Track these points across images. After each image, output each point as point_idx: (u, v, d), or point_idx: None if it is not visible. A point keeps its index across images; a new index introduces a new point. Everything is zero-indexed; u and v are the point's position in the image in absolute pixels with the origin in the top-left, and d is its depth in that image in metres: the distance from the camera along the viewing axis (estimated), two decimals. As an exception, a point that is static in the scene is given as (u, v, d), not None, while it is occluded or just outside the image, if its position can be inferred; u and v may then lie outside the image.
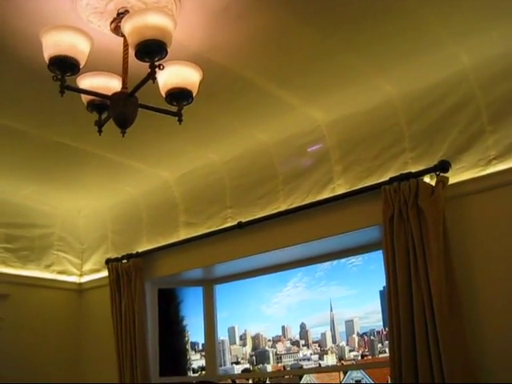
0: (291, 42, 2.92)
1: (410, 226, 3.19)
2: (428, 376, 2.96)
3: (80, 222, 5.26)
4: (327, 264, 4.17)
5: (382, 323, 3.84)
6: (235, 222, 4.11)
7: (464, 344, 2.94)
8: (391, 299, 3.20)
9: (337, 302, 4.17)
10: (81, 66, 2.36)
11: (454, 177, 3.23)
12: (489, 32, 2.91)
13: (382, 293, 3.82)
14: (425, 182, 3.23)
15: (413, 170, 3.30)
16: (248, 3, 2.60)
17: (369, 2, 2.62)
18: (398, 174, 3.32)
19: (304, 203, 3.79)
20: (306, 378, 4.37)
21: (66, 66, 2.32)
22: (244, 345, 4.73)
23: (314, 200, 3.75)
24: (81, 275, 5.26)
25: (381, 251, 3.51)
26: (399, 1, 2.62)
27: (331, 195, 3.67)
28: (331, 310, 4.21)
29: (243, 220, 4.07)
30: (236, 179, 4.22)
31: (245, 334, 4.73)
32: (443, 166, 3.22)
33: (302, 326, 4.44)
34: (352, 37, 2.90)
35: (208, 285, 4.73)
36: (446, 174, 3.22)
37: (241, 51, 2.95)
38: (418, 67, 3.19)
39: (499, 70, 3.11)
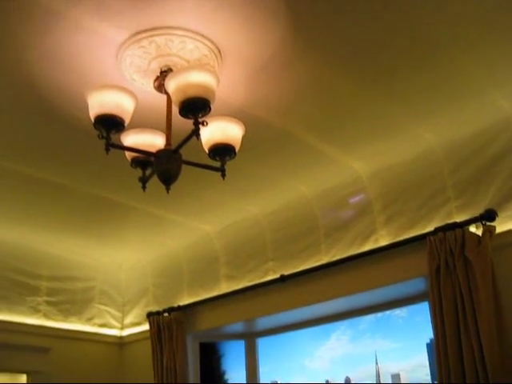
0: (331, 95, 2.94)
1: (457, 276, 3.11)
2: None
3: (121, 275, 5.28)
4: (371, 316, 4.09)
5: (429, 377, 3.71)
6: (277, 275, 4.08)
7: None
8: (440, 352, 3.10)
9: (382, 355, 4.06)
10: (125, 124, 2.40)
11: (501, 225, 3.16)
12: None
13: (429, 345, 3.71)
14: (471, 232, 3.16)
15: (458, 220, 3.24)
16: (287, 58, 2.63)
17: (409, 51, 2.63)
18: (442, 223, 3.27)
19: (346, 255, 3.75)
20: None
21: (111, 124, 2.35)
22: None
23: (356, 252, 3.70)
24: (122, 328, 5.25)
25: (427, 302, 3.44)
26: (440, 50, 2.62)
27: (374, 247, 3.63)
28: (376, 364, 4.10)
29: (285, 273, 4.03)
30: (277, 232, 4.21)
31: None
32: (489, 215, 3.15)
33: (347, 380, 4.33)
34: (392, 87, 2.90)
35: (250, 338, 4.67)
36: (493, 223, 3.15)
37: (281, 105, 2.98)
38: (459, 115, 3.17)
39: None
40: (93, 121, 2.37)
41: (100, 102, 2.35)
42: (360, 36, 2.52)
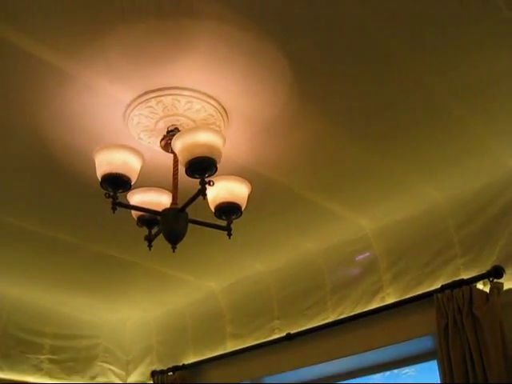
0: (336, 154, 2.97)
1: (465, 335, 3.07)
2: None
3: (126, 332, 5.22)
4: (379, 375, 4.01)
5: None
6: (283, 333, 4.03)
7: None
8: (449, 412, 3.04)
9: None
10: (132, 183, 2.42)
11: (509, 282, 3.13)
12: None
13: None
14: (478, 289, 3.14)
15: (465, 277, 3.22)
16: (292, 119, 2.67)
17: (413, 110, 2.67)
18: (449, 281, 3.24)
19: (353, 313, 3.71)
20: None
21: (118, 183, 2.37)
22: None
23: (363, 310, 3.67)
24: (126, 387, 5.17)
25: (435, 361, 3.38)
26: (443, 108, 2.66)
27: (381, 305, 3.59)
28: (386, 424, 4.01)
29: (291, 331, 3.98)
30: (283, 289, 4.18)
31: None
32: (497, 272, 3.13)
33: None
34: (397, 146, 2.93)
35: (256, 398, 4.59)
36: (501, 280, 3.12)
37: (287, 164, 3.01)
38: (464, 172, 3.18)
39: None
40: (100, 180, 2.39)
41: (107, 161, 2.38)
42: (365, 97, 2.56)
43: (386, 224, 3.66)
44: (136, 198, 2.63)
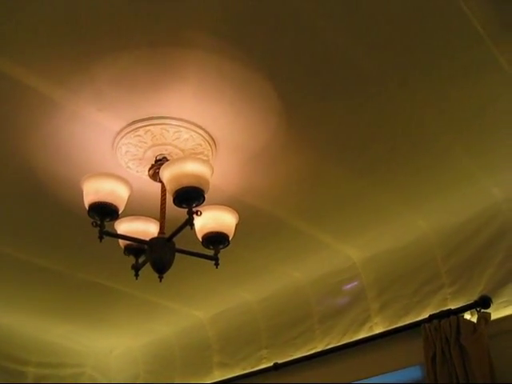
0: (324, 183, 2.99)
1: (453, 365, 3.06)
2: None
3: (111, 361, 5.16)
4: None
5: None
6: (270, 363, 4.00)
7: None
8: None
9: None
10: (120, 212, 2.41)
11: (496, 312, 3.14)
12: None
13: None
14: (466, 319, 3.13)
15: (452, 307, 3.22)
16: (280, 148, 2.69)
17: (401, 141, 2.70)
18: (437, 311, 3.25)
19: (341, 343, 3.69)
20: None
21: (105, 212, 2.36)
22: None
23: (351, 340, 3.66)
24: (111, 417, 5.10)
25: (424, 391, 3.37)
26: (431, 139, 2.69)
27: (369, 334, 3.58)
28: None
29: (279, 361, 3.96)
30: (271, 319, 4.15)
31: None
32: (484, 302, 3.14)
33: None
34: (384, 175, 2.95)
35: (244, 428, 4.53)
36: (488, 310, 3.13)
37: (274, 192, 3.02)
38: (450, 202, 3.20)
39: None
40: (87, 208, 2.38)
41: (95, 190, 2.38)
42: (353, 127, 2.59)
43: (373, 253, 3.66)
44: (123, 226, 2.62)
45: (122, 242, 2.65)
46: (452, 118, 2.58)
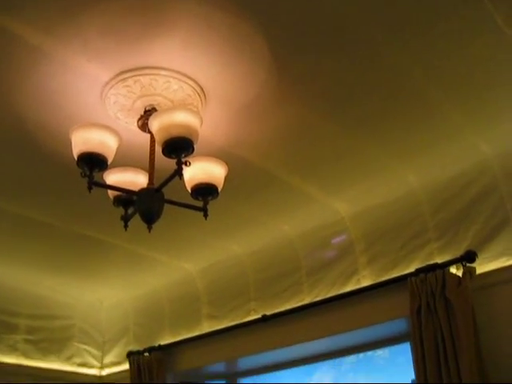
0: (314, 136, 2.98)
1: (438, 317, 3.11)
2: None
3: (102, 313, 5.22)
4: (353, 357, 4.06)
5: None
6: (259, 315, 4.05)
7: None
8: (421, 393, 3.09)
9: (363, 396, 4.03)
10: (109, 163, 2.40)
11: (481, 266, 3.18)
12: (508, 122, 2.94)
13: (411, 385, 3.70)
14: (451, 273, 3.18)
15: (439, 261, 3.26)
16: (270, 100, 2.67)
17: (391, 96, 2.69)
18: (423, 264, 3.28)
19: (329, 296, 3.74)
20: None
21: (94, 162, 2.36)
22: None
23: (338, 292, 3.70)
24: (101, 368, 5.16)
25: (408, 343, 3.43)
26: (422, 97, 2.69)
27: (356, 287, 3.63)
28: (358, 405, 4.06)
29: (267, 313, 4.01)
30: (260, 272, 4.20)
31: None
32: (469, 257, 3.18)
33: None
34: (376, 131, 2.95)
35: (231, 379, 4.61)
36: (473, 265, 3.17)
37: (264, 145, 3.02)
38: (440, 158, 3.22)
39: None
40: (76, 159, 2.37)
41: (83, 140, 2.37)
42: (343, 81, 2.57)
43: (362, 208, 3.68)
44: (112, 177, 2.62)
45: (111, 193, 2.65)
46: (444, 75, 2.57)
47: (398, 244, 3.54)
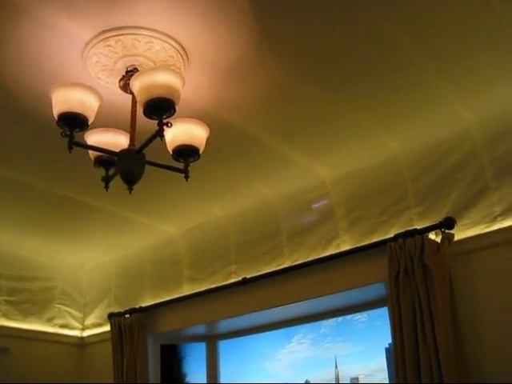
0: (296, 100, 2.96)
1: (415, 282, 3.16)
2: None
3: (83, 275, 5.23)
4: (332, 320, 4.12)
5: (387, 381, 3.75)
6: (239, 278, 4.08)
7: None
8: (397, 357, 3.14)
9: (342, 359, 4.10)
10: (89, 123, 2.38)
11: (460, 233, 3.22)
12: (491, 90, 2.95)
13: (387, 350, 3.76)
14: (430, 239, 3.22)
15: (418, 227, 3.29)
16: (253, 62, 2.65)
17: (373, 60, 2.67)
18: (403, 230, 3.31)
19: (309, 260, 3.77)
20: None
21: (74, 122, 2.34)
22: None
23: (318, 256, 3.73)
24: (83, 329, 5.20)
25: (386, 308, 3.47)
26: (405, 58, 2.67)
27: (336, 252, 3.66)
28: (336, 367, 4.13)
29: (247, 276, 4.04)
30: (241, 235, 4.22)
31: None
32: (448, 223, 3.22)
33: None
34: (358, 95, 2.94)
35: (211, 341, 4.67)
36: (452, 231, 3.21)
37: (246, 108, 3.00)
38: (421, 124, 3.22)
39: (502, 128, 3.15)
40: (56, 118, 2.35)
41: (64, 100, 2.34)
42: (325, 44, 2.55)
43: (343, 173, 3.69)
44: (93, 138, 2.60)
45: (91, 154, 2.63)
46: (428, 41, 2.55)
47: (378, 209, 3.57)
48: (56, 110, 2.35)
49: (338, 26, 2.45)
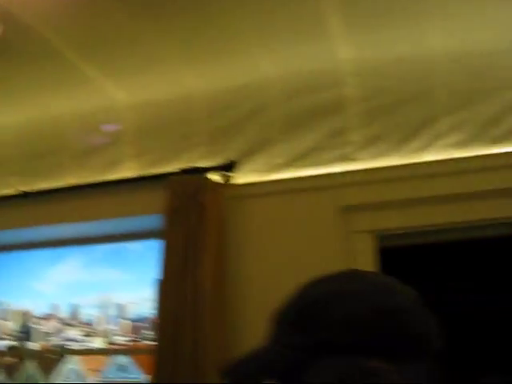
0: (103, 17, 2.83)
1: (190, 219, 3.22)
2: (188, 365, 3.02)
3: None
4: (107, 246, 4.09)
5: (153, 311, 3.83)
6: (19, 191, 3.87)
7: (226, 338, 3.06)
8: (161, 289, 3.23)
9: (111, 285, 4.11)
10: None
11: (240, 178, 3.34)
12: (296, 47, 3.05)
13: (156, 281, 3.82)
14: (209, 179, 3.29)
15: (201, 166, 3.35)
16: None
17: None
18: (185, 166, 3.36)
19: (89, 182, 3.68)
20: (70, 360, 4.24)
21: None
22: (9, 320, 4.49)
23: (100, 180, 3.66)
24: None
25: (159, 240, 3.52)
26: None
27: (118, 178, 3.62)
28: (104, 293, 4.14)
29: (27, 190, 3.85)
30: (22, 147, 4.00)
31: (10, 310, 4.48)
32: (229, 166, 3.32)
33: (73, 306, 4.32)
34: (160, 21, 2.88)
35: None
36: (232, 174, 3.31)
37: (51, 14, 2.80)
38: (222, 67, 3.26)
39: (300, 85, 3.28)
40: None
41: None
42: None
43: (139, 100, 3.62)
44: None
45: None
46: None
47: (166, 142, 3.57)
48: None
49: None
